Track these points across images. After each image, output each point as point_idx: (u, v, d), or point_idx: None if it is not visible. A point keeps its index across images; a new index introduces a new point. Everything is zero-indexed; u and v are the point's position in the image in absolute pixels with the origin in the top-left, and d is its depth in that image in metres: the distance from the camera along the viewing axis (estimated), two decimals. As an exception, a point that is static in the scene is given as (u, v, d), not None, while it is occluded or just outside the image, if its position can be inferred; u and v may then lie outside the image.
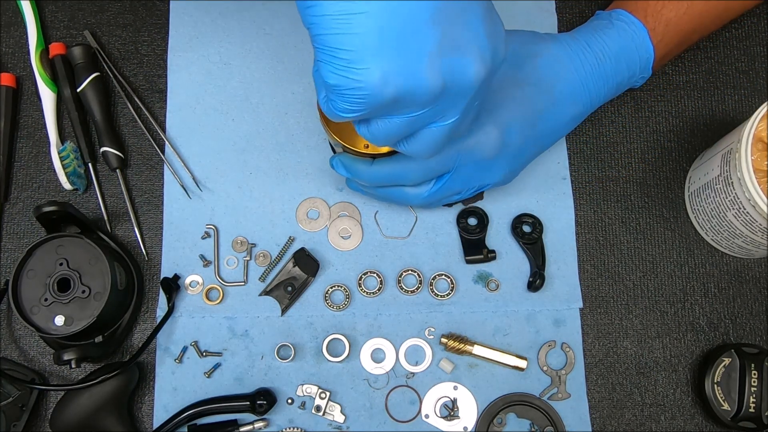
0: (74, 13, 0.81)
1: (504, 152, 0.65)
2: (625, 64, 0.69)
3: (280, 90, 0.79)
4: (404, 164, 0.62)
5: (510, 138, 0.65)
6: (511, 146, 0.66)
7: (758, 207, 0.63)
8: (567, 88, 0.67)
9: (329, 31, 0.44)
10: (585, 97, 0.69)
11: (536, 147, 0.69)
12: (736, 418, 0.69)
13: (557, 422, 0.70)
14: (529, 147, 0.68)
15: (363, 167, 0.64)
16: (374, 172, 0.64)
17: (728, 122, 0.78)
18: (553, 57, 0.67)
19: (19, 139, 0.78)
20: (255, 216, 0.75)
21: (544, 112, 0.67)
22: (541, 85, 0.66)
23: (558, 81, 0.67)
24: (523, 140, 0.66)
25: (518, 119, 0.65)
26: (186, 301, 0.73)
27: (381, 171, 0.64)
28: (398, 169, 0.63)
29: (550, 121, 0.68)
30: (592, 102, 0.70)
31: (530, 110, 0.66)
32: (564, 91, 0.67)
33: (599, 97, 0.70)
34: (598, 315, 0.74)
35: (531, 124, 0.66)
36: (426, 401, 0.71)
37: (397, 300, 0.73)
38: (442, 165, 0.63)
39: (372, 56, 0.44)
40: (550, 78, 0.67)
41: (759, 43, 0.81)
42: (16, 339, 0.73)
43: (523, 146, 0.67)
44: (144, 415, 0.71)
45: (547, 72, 0.67)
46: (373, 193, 0.70)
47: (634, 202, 0.77)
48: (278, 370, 0.72)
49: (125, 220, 0.76)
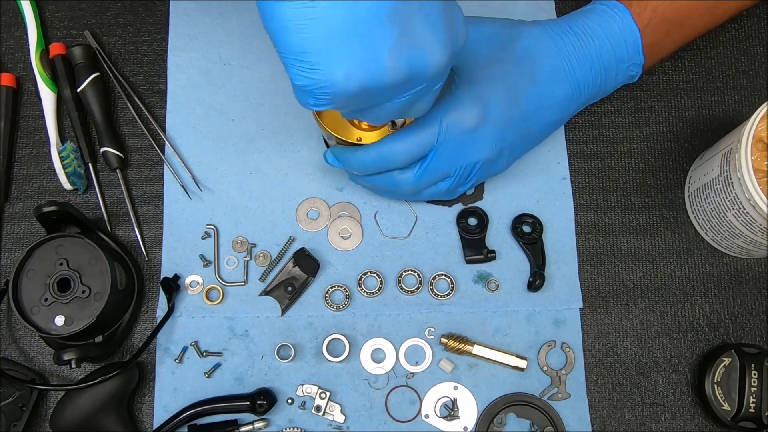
0: (74, 13, 0.81)
1: (486, 126, 0.65)
2: (610, 46, 0.69)
3: (280, 90, 0.79)
4: (388, 145, 0.64)
5: (491, 111, 0.65)
6: (493, 120, 0.65)
7: (758, 207, 0.63)
8: (549, 67, 0.68)
9: (290, 38, 0.47)
10: (570, 77, 0.68)
11: (524, 126, 0.68)
12: (736, 418, 0.69)
13: (557, 422, 0.70)
14: (515, 125, 0.67)
15: (351, 155, 0.66)
16: (361, 158, 0.65)
17: (728, 122, 0.78)
18: (534, 38, 0.68)
19: (19, 139, 0.78)
20: (255, 216, 0.75)
21: (526, 90, 0.67)
22: (522, 64, 0.67)
23: (539, 60, 0.67)
24: (507, 116, 0.66)
25: (499, 93, 0.66)
26: (186, 301, 0.73)
27: (368, 155, 0.65)
28: (383, 150, 0.64)
29: (535, 99, 0.67)
30: (577, 83, 0.69)
31: (511, 86, 0.66)
32: (546, 70, 0.68)
33: (585, 80, 0.69)
34: (598, 315, 0.74)
35: (514, 99, 0.66)
36: (426, 401, 0.71)
37: (397, 300, 0.73)
38: (425, 141, 0.64)
39: (333, 58, 0.47)
40: (531, 57, 0.67)
41: (759, 43, 0.81)
42: (16, 339, 0.73)
43: (508, 123, 0.67)
44: (144, 415, 0.71)
45: (528, 51, 0.68)
46: (368, 184, 0.71)
47: (634, 202, 0.77)
48: (278, 370, 0.72)
49: (125, 220, 0.76)
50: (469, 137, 0.65)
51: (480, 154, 0.67)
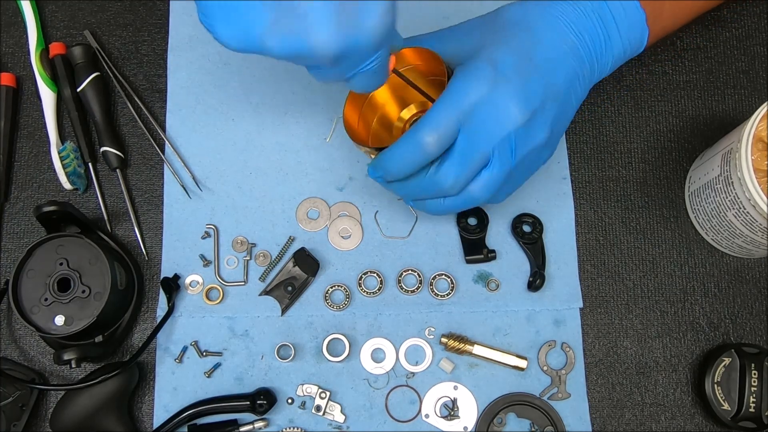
0: (74, 13, 0.81)
1: (502, 84, 0.61)
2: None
3: (280, 90, 0.79)
4: (412, 132, 0.61)
5: (503, 67, 0.61)
6: (508, 76, 0.61)
7: (758, 207, 0.63)
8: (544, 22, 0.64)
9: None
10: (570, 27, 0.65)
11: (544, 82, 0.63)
12: (736, 418, 0.69)
13: (557, 422, 0.70)
14: (535, 80, 0.62)
15: (383, 157, 0.63)
16: (392, 156, 0.62)
17: (728, 122, 0.78)
18: (520, 8, 0.66)
19: (19, 139, 0.78)
20: (255, 216, 0.75)
21: (532, 45, 0.63)
22: (517, 26, 0.64)
23: (531, 18, 0.65)
24: (523, 71, 0.62)
25: (504, 50, 0.62)
26: (186, 301, 0.73)
27: (397, 149, 0.62)
28: (409, 140, 0.61)
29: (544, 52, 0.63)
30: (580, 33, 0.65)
31: (515, 43, 0.63)
32: (542, 25, 0.64)
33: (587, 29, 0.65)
34: (598, 315, 0.74)
35: (524, 54, 0.63)
36: (426, 401, 0.71)
37: (397, 300, 0.73)
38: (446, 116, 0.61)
39: (217, 22, 0.52)
40: (523, 18, 0.65)
41: (759, 43, 0.81)
42: (16, 339, 0.73)
43: (526, 78, 0.62)
44: (144, 415, 0.71)
45: (520, 18, 0.65)
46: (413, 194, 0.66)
47: (634, 202, 0.77)
48: (278, 370, 0.72)
49: (125, 220, 0.76)
50: (489, 101, 0.61)
51: (510, 120, 0.61)
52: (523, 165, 0.64)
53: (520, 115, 0.61)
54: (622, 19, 0.66)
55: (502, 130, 0.61)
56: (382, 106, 0.69)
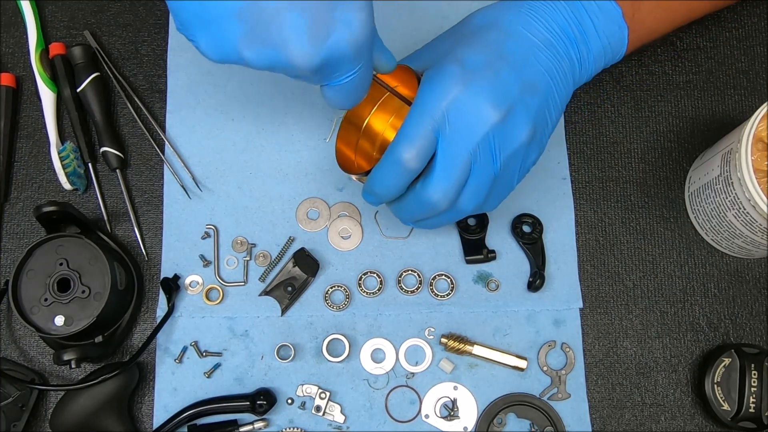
0: (74, 13, 0.81)
1: (472, 79, 0.58)
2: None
3: (280, 90, 0.79)
4: (391, 148, 0.59)
5: (469, 63, 0.59)
6: (476, 71, 0.59)
7: (758, 207, 0.63)
8: (511, 18, 0.63)
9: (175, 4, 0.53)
10: (542, 22, 0.63)
11: (517, 76, 0.60)
12: (736, 418, 0.69)
13: (557, 422, 0.70)
14: (506, 75, 0.59)
15: (371, 179, 0.62)
16: (378, 176, 0.61)
17: (728, 122, 0.78)
18: (486, 11, 0.65)
19: (19, 139, 0.78)
20: (255, 216, 0.75)
21: (500, 41, 0.61)
22: (485, 27, 0.63)
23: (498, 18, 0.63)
24: (492, 66, 0.59)
25: (470, 48, 0.60)
26: (186, 301, 0.73)
27: (381, 168, 0.60)
28: (390, 156, 0.59)
29: (515, 47, 0.61)
30: (551, 26, 0.63)
31: (482, 41, 0.61)
32: (510, 21, 0.63)
33: (559, 25, 0.63)
34: (598, 315, 0.74)
35: (491, 49, 0.60)
36: (426, 401, 0.71)
37: (397, 300, 0.73)
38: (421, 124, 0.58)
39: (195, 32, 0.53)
40: (490, 20, 0.63)
41: (759, 43, 0.81)
42: (16, 339, 0.73)
43: (496, 72, 0.59)
44: (144, 415, 0.71)
45: (487, 18, 0.64)
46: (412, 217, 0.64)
47: (634, 202, 0.77)
48: (278, 370, 0.72)
49: (125, 220, 0.76)
50: (461, 102, 0.58)
51: (486, 119, 0.58)
52: (509, 167, 0.61)
53: (496, 113, 0.58)
54: (596, 15, 0.65)
55: (479, 132, 0.58)
56: (381, 134, 0.68)
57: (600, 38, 0.65)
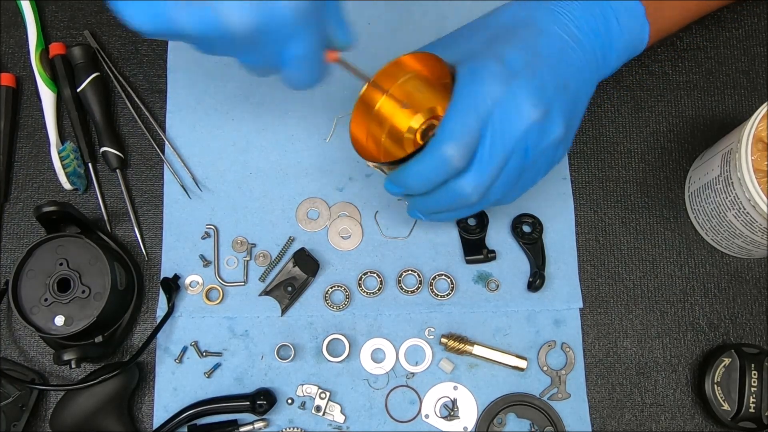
0: (74, 13, 0.81)
1: (514, 79, 0.58)
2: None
3: (280, 90, 0.79)
4: (435, 144, 0.58)
5: (511, 63, 0.59)
6: (517, 71, 0.59)
7: (758, 207, 0.63)
8: (546, 18, 0.63)
9: None
10: (572, 22, 0.63)
11: (555, 76, 0.61)
12: (736, 418, 0.69)
13: (557, 422, 0.70)
14: (545, 74, 0.60)
15: (406, 171, 0.60)
16: (416, 169, 0.59)
17: (728, 122, 0.78)
18: (516, 6, 0.65)
19: (19, 139, 0.78)
20: (255, 216, 0.75)
21: (537, 39, 0.61)
22: (518, 24, 0.63)
23: (533, 14, 0.63)
24: (531, 66, 0.60)
25: (510, 47, 0.60)
26: (186, 301, 0.73)
27: (422, 163, 0.59)
28: (434, 152, 0.58)
29: (550, 47, 0.61)
30: (581, 28, 0.63)
31: (520, 39, 0.61)
32: (545, 19, 0.62)
33: (589, 26, 0.64)
34: (598, 315, 0.74)
35: (530, 49, 0.60)
36: (426, 401, 0.71)
37: (397, 300, 0.73)
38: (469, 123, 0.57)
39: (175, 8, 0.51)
40: (523, 16, 0.63)
41: (759, 43, 0.81)
42: (16, 339, 0.73)
43: (534, 72, 0.59)
44: (144, 415, 0.71)
45: (519, 14, 0.64)
46: (432, 208, 0.63)
47: (634, 202, 0.77)
48: (278, 370, 0.72)
49: (125, 220, 0.76)
50: (504, 101, 0.58)
51: (526, 118, 0.58)
52: (537, 163, 0.62)
53: (535, 112, 0.59)
54: (621, 12, 0.65)
55: (518, 130, 0.59)
56: (390, 119, 0.67)
57: (623, 35, 0.65)
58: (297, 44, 0.53)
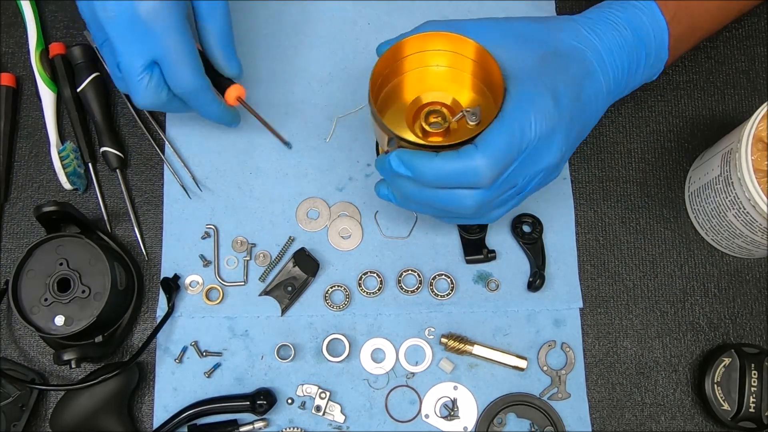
0: (74, 13, 0.81)
1: (559, 122, 0.60)
2: (639, 38, 0.65)
3: (280, 90, 0.79)
4: (473, 158, 0.57)
5: (561, 105, 0.60)
6: (562, 115, 0.60)
7: (758, 207, 0.63)
8: (595, 57, 0.64)
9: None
10: (612, 67, 0.65)
11: (582, 121, 0.63)
12: (736, 418, 0.69)
13: (557, 422, 0.70)
14: (576, 120, 0.62)
15: (426, 162, 0.58)
16: (439, 167, 0.58)
17: (728, 122, 0.78)
18: (573, 30, 0.65)
19: (19, 139, 0.78)
20: (255, 216, 0.75)
21: (583, 82, 0.62)
22: (573, 56, 0.63)
23: (585, 51, 0.64)
24: (572, 111, 0.61)
25: (563, 86, 0.61)
26: (186, 301, 0.73)
27: (449, 166, 0.58)
28: (468, 164, 0.57)
29: (590, 91, 0.63)
30: (616, 74, 0.65)
31: (571, 78, 0.62)
32: (593, 60, 0.64)
33: (622, 71, 0.65)
34: (598, 315, 0.74)
35: (575, 92, 0.61)
36: (426, 401, 0.71)
37: (397, 300, 0.73)
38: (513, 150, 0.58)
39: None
40: (578, 48, 0.64)
41: (759, 43, 0.81)
42: (16, 339, 0.73)
43: (571, 119, 0.61)
44: (144, 415, 0.71)
45: (574, 43, 0.64)
46: (421, 201, 0.62)
47: (634, 202, 0.77)
48: (278, 370, 0.72)
49: (125, 220, 0.76)
50: (545, 139, 0.59)
51: (550, 158, 0.61)
52: (528, 192, 0.64)
53: (558, 156, 0.61)
54: (651, 51, 0.67)
55: (540, 167, 0.61)
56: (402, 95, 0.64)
57: (645, 74, 0.68)
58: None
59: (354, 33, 0.80)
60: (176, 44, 0.62)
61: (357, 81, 0.79)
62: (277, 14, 0.80)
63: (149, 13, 0.60)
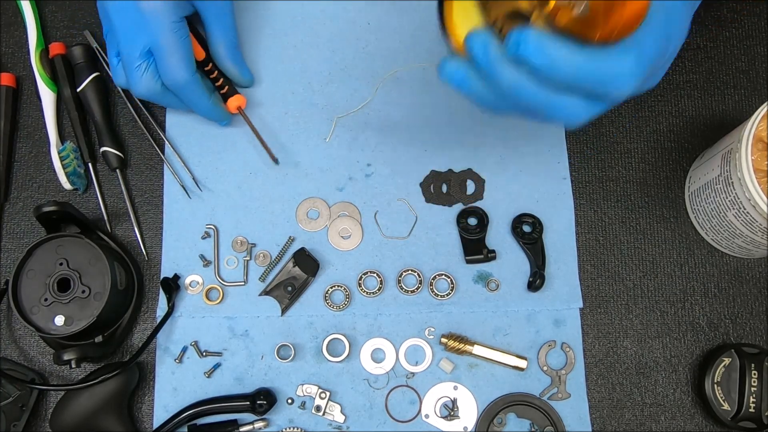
0: (74, 13, 0.81)
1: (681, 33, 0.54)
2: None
3: (280, 90, 0.79)
4: (623, 62, 0.47)
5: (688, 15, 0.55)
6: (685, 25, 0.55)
7: (758, 207, 0.63)
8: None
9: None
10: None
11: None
12: (736, 418, 0.69)
13: (557, 422, 0.70)
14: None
15: (566, 54, 0.46)
16: (580, 65, 0.46)
17: (728, 122, 0.78)
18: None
19: (19, 139, 0.78)
20: (255, 216, 0.75)
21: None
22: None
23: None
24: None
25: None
26: (186, 301, 0.73)
27: (589, 66, 0.47)
28: (619, 65, 0.48)
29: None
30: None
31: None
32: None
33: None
34: (598, 315, 0.74)
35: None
36: (426, 401, 0.71)
37: (397, 300, 0.73)
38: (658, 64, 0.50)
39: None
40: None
41: (759, 43, 0.81)
42: (16, 339, 0.73)
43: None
44: (144, 415, 0.71)
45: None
46: (527, 98, 0.49)
47: (634, 202, 0.77)
48: (278, 370, 0.72)
49: (125, 220, 0.76)
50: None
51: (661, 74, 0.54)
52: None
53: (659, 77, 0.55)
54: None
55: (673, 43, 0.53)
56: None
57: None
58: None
59: (354, 33, 0.80)
60: (169, 38, 0.67)
61: (357, 81, 0.79)
62: (277, 14, 0.80)
63: (150, 6, 0.66)
